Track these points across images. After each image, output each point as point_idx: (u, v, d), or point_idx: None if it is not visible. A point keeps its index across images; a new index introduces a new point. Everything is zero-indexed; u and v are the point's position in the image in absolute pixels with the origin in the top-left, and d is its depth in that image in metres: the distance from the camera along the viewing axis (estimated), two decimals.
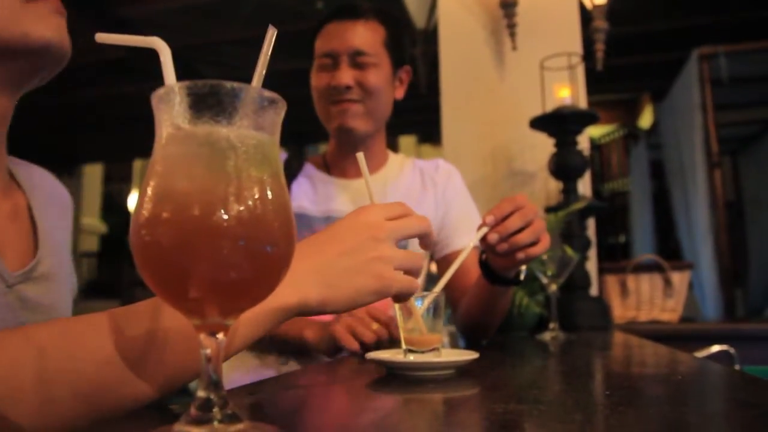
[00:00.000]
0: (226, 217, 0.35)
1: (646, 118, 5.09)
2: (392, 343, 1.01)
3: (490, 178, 2.07)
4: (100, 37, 0.44)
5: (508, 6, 2.00)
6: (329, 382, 0.71)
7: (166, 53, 0.41)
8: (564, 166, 1.76)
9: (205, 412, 0.36)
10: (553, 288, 1.25)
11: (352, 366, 0.86)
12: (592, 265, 1.91)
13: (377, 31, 1.27)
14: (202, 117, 0.36)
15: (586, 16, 2.10)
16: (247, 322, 0.52)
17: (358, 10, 1.26)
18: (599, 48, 2.09)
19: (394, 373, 0.68)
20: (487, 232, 0.94)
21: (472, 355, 0.69)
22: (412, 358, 0.71)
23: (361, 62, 1.24)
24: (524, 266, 1.04)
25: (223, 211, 0.35)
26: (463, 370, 0.69)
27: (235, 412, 0.37)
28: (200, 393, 0.37)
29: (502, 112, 2.09)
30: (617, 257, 4.40)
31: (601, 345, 1.18)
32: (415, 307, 0.71)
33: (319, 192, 1.33)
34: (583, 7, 2.11)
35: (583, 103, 1.99)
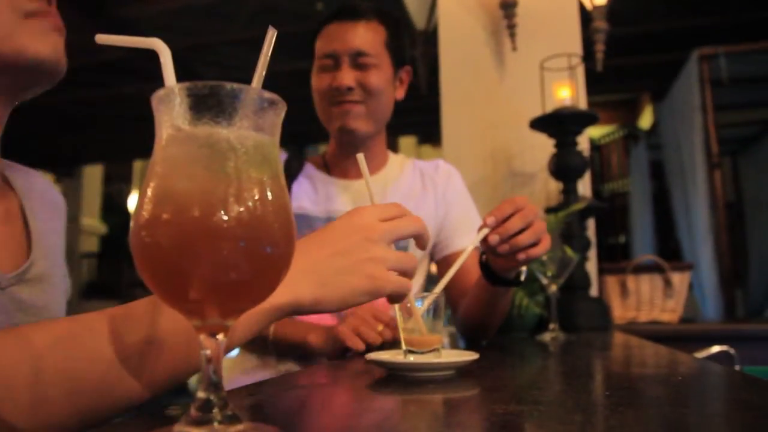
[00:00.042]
0: (226, 218, 0.35)
1: (646, 119, 5.08)
2: (393, 344, 1.01)
3: (490, 179, 2.07)
4: (100, 38, 0.44)
5: (508, 6, 2.00)
6: (329, 383, 0.71)
7: (166, 54, 0.41)
8: (564, 167, 1.76)
9: (205, 413, 0.36)
10: (553, 289, 1.25)
11: (352, 367, 0.86)
12: (592, 266, 1.90)
13: (378, 31, 1.27)
14: (202, 118, 0.36)
15: (586, 17, 2.09)
16: (241, 322, 0.52)
17: (359, 11, 1.26)
18: (599, 48, 2.09)
19: (394, 374, 0.68)
20: (488, 234, 0.95)
21: (472, 356, 0.69)
22: (412, 358, 0.71)
23: (363, 63, 1.24)
24: (524, 267, 1.04)
25: (223, 213, 0.35)
26: (463, 371, 0.69)
27: (235, 413, 0.37)
28: (200, 394, 0.37)
29: (502, 113, 2.08)
30: (617, 258, 4.39)
31: (601, 346, 1.18)
32: (415, 307, 0.71)
33: (320, 192, 1.33)
34: (583, 8, 2.11)
35: (583, 104, 1.99)
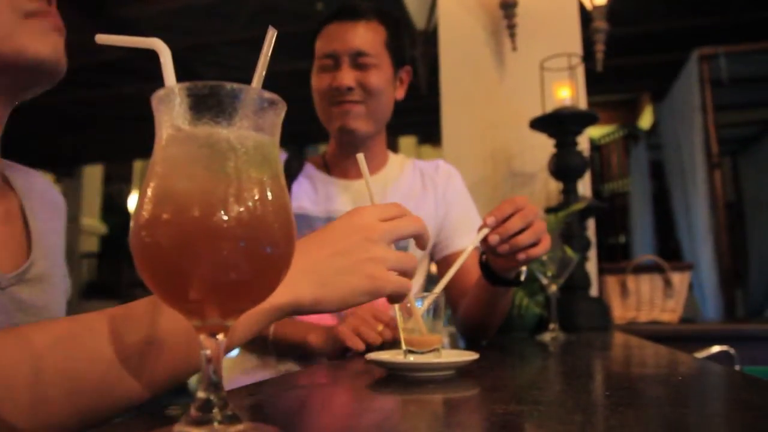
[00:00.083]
0: (226, 218, 0.35)
1: (646, 119, 5.08)
2: (393, 344, 1.01)
3: (490, 179, 2.07)
4: (100, 38, 0.44)
5: (508, 7, 1.99)
6: (329, 383, 0.71)
7: (166, 54, 0.41)
8: (564, 167, 1.76)
9: (205, 413, 0.36)
10: (553, 289, 1.25)
11: (352, 367, 0.86)
12: (592, 266, 1.90)
13: (378, 31, 1.27)
14: (202, 118, 0.36)
15: (586, 17, 2.09)
16: (241, 322, 0.52)
17: (359, 11, 1.26)
18: (599, 48, 2.09)
19: (394, 374, 0.68)
20: (488, 234, 0.95)
21: (472, 356, 0.69)
22: (412, 358, 0.71)
23: (363, 63, 1.24)
24: (524, 267, 1.04)
25: (223, 213, 0.35)
26: (463, 371, 0.69)
27: (235, 413, 0.37)
28: (200, 394, 0.37)
29: (502, 113, 2.08)
30: (617, 258, 4.39)
31: (601, 346, 1.18)
32: (415, 307, 0.71)
33: (320, 192, 1.33)
34: (583, 8, 2.11)
35: (583, 104, 1.99)
